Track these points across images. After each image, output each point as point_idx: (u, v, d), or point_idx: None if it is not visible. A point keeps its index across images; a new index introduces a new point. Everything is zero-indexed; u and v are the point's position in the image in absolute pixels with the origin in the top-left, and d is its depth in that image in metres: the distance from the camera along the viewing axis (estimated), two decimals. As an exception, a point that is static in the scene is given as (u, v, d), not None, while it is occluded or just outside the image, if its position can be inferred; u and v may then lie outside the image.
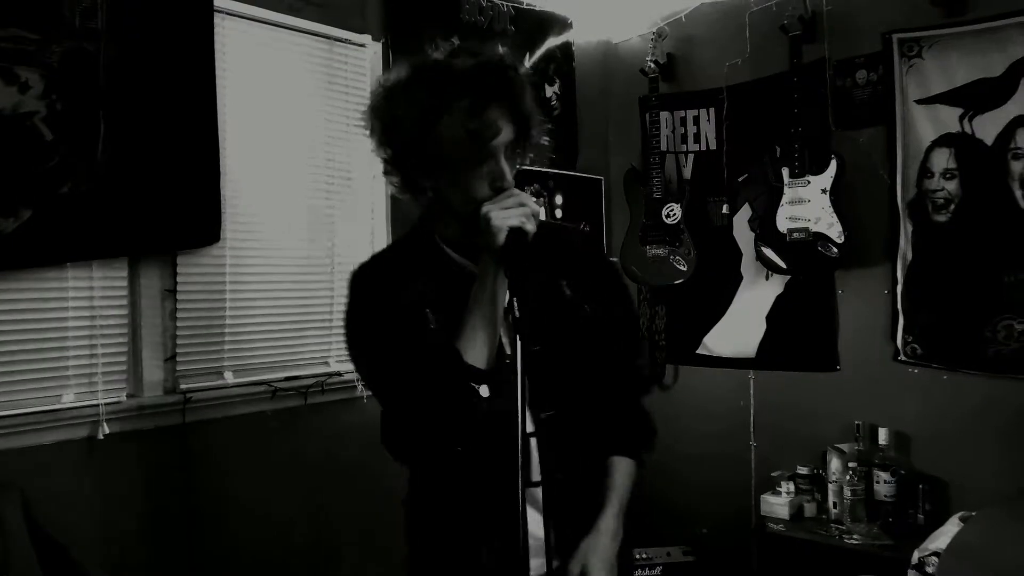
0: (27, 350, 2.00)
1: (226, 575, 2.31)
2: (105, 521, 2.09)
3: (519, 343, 1.21)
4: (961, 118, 2.71)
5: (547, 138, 3.35)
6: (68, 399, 2.06)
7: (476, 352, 1.31)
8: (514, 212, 1.29)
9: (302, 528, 2.54)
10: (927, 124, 2.79)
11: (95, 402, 2.08)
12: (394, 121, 1.38)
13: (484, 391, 1.29)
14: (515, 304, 1.23)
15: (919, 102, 2.80)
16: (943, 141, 2.76)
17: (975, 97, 2.68)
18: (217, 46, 2.29)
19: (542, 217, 1.38)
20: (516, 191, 1.33)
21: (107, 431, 2.09)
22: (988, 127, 2.66)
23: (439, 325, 1.36)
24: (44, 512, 1.86)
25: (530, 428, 1.36)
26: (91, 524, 2.04)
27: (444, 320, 1.35)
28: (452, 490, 1.44)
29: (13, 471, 1.91)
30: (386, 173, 1.48)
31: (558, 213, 3.38)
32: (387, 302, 1.40)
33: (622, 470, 1.52)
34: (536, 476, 1.39)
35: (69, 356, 2.07)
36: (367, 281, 1.47)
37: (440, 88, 1.32)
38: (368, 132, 1.44)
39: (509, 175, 1.34)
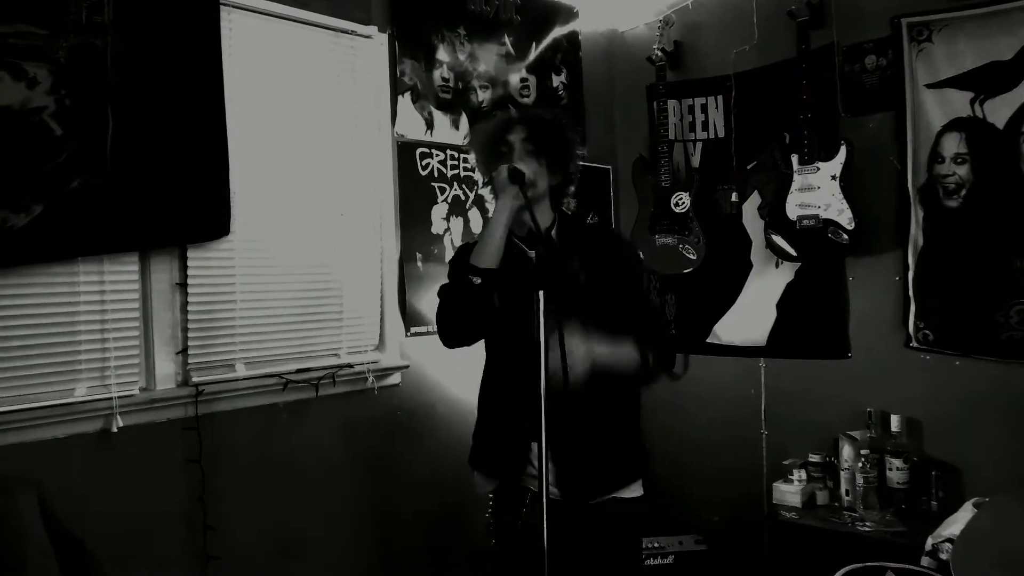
0: (40, 344, 2.01)
1: (239, 566, 2.33)
2: (119, 514, 2.10)
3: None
4: (972, 102, 2.69)
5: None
6: (81, 393, 2.07)
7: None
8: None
9: (314, 519, 2.55)
10: (937, 109, 2.77)
11: (108, 395, 2.09)
12: None
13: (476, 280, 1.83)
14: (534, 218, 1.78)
15: (929, 87, 2.78)
16: (954, 126, 2.74)
17: (986, 81, 2.66)
18: (224, 39, 2.29)
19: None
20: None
21: (121, 424, 2.10)
22: (999, 111, 2.64)
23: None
24: (59, 505, 1.88)
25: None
26: (106, 516, 2.06)
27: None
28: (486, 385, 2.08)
29: (29, 465, 1.93)
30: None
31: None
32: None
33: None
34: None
35: (81, 350, 2.08)
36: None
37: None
38: None
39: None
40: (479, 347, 2.04)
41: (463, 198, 3.04)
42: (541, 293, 1.57)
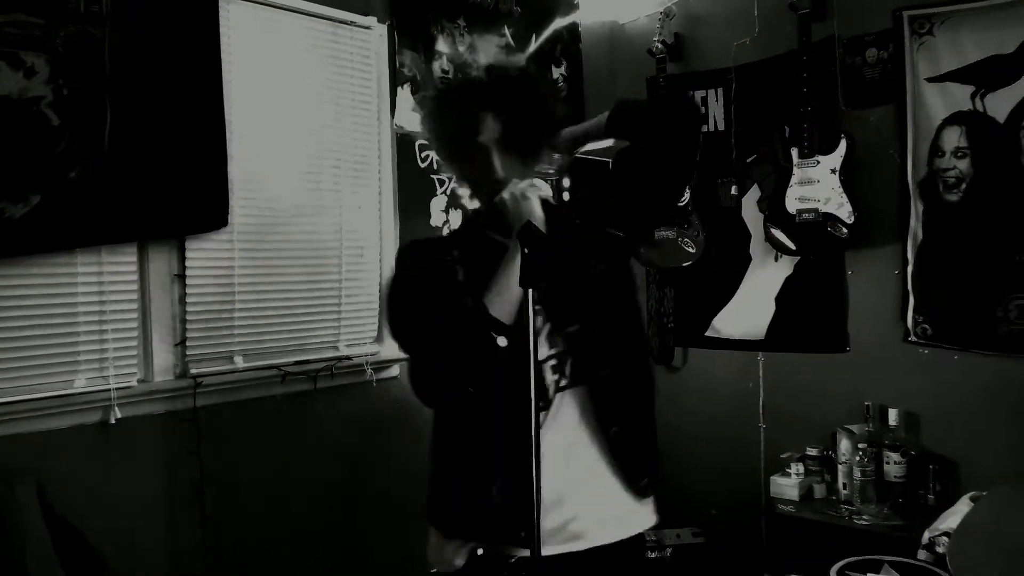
0: (38, 335, 2.01)
1: (237, 557, 2.33)
2: (118, 505, 2.10)
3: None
4: (973, 96, 2.68)
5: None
6: (80, 384, 2.07)
7: (501, 308, 1.45)
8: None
9: (312, 510, 2.55)
10: (938, 102, 2.76)
11: (106, 387, 2.09)
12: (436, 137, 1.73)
13: (502, 341, 1.42)
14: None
15: (930, 80, 2.77)
16: (954, 119, 2.73)
17: (987, 74, 2.65)
18: (222, 29, 2.28)
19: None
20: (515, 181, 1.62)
21: (119, 415, 2.10)
22: (1000, 104, 2.63)
23: (466, 278, 1.54)
24: (58, 496, 1.88)
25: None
26: (104, 508, 2.06)
27: (471, 275, 1.53)
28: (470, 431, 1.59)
29: (28, 456, 1.94)
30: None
31: (566, 196, 3.36)
32: (423, 267, 1.61)
33: None
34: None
35: (80, 341, 2.08)
36: (411, 253, 1.71)
37: (439, 104, 1.70)
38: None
39: (499, 168, 1.62)
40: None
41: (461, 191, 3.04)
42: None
